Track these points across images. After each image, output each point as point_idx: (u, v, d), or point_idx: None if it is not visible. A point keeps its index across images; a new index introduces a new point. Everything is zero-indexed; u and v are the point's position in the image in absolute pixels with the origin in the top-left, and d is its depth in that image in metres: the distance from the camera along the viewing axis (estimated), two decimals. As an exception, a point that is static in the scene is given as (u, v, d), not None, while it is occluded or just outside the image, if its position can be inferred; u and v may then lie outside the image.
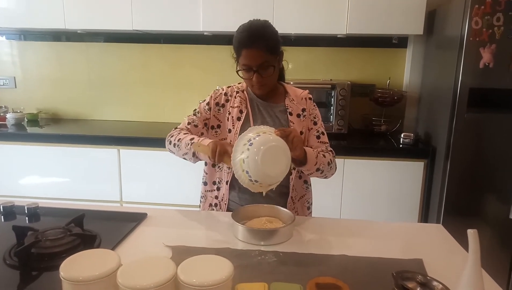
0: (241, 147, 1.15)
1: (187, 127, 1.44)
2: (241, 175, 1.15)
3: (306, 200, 1.50)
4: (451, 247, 1.19)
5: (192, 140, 1.32)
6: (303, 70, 2.89)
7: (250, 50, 1.30)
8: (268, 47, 1.31)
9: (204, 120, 1.45)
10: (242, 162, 1.13)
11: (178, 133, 1.41)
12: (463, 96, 2.08)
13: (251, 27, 1.33)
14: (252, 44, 1.29)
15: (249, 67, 1.32)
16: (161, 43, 2.97)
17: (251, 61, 1.31)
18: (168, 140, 1.43)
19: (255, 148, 1.11)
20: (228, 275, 0.78)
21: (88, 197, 2.58)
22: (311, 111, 1.46)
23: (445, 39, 2.33)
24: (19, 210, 1.34)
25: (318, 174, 1.37)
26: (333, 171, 1.44)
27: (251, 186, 1.17)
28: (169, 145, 1.42)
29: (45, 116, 3.15)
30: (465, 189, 2.18)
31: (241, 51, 1.31)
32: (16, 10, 2.66)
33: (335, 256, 1.08)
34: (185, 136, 1.37)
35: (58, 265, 0.80)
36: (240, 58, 1.33)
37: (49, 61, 3.09)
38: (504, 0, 1.94)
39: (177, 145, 1.37)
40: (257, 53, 1.29)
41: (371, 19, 2.44)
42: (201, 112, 1.46)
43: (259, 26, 1.34)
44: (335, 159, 1.43)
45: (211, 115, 1.45)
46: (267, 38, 1.32)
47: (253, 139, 1.14)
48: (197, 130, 1.45)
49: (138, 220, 1.29)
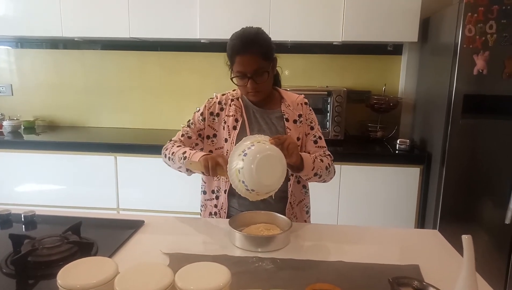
0: (236, 158, 1.16)
1: (180, 139, 1.45)
2: (238, 185, 1.16)
3: (304, 205, 1.51)
4: (448, 252, 1.19)
5: (185, 153, 1.33)
6: (300, 77, 2.91)
7: (244, 56, 1.30)
8: (262, 53, 1.31)
9: (198, 131, 1.45)
10: (237, 172, 1.14)
11: (171, 146, 1.42)
12: (457, 102, 2.10)
13: (244, 34, 1.34)
14: (245, 50, 1.29)
15: (244, 73, 1.32)
16: (158, 50, 2.99)
17: (245, 68, 1.31)
18: (163, 153, 1.44)
19: (250, 158, 1.12)
20: (226, 282, 0.78)
21: (85, 204, 2.57)
22: (308, 116, 1.46)
23: (439, 46, 2.36)
24: (16, 218, 1.33)
25: (316, 179, 1.37)
26: (332, 175, 1.44)
27: (249, 195, 1.18)
28: (164, 159, 1.44)
29: (42, 124, 3.15)
30: (461, 194, 2.19)
31: (235, 58, 1.31)
32: (13, 18, 2.67)
33: (332, 262, 1.09)
34: (178, 150, 1.37)
35: (55, 273, 0.80)
36: (234, 65, 1.33)
37: (46, 69, 3.09)
38: (496, 8, 1.97)
39: (171, 159, 1.38)
40: (251, 59, 1.30)
41: (366, 27, 2.46)
42: (195, 123, 1.46)
43: (252, 32, 1.34)
44: (333, 163, 1.44)
45: (206, 125, 1.45)
46: (261, 44, 1.32)
47: (247, 149, 1.14)
48: (191, 141, 1.45)
49: (135, 227, 1.29)
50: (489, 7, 1.98)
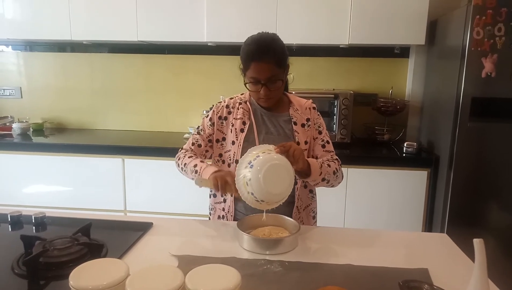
0: (243, 171, 1.17)
1: (191, 148, 1.47)
2: (248, 197, 1.18)
3: (311, 210, 1.51)
4: (456, 256, 1.19)
5: (196, 167, 1.36)
6: (306, 80, 2.91)
7: (259, 63, 1.30)
8: (277, 61, 1.31)
9: (208, 137, 1.47)
10: (246, 185, 1.16)
11: (183, 156, 1.44)
12: (465, 105, 2.09)
13: (260, 40, 1.33)
14: (261, 57, 1.29)
15: (257, 80, 1.32)
16: (165, 53, 3.00)
17: (260, 75, 1.31)
18: (176, 162, 1.47)
19: (257, 168, 1.13)
20: (236, 284, 0.79)
21: (93, 206, 2.59)
22: (316, 120, 1.47)
23: (447, 49, 2.35)
24: (27, 220, 1.35)
25: (324, 184, 1.37)
26: (339, 180, 1.43)
27: (258, 205, 1.20)
28: (178, 168, 1.47)
29: (50, 126, 3.18)
30: (469, 197, 2.18)
31: (250, 64, 1.31)
32: (23, 21, 2.71)
33: (340, 266, 1.09)
34: (190, 161, 1.40)
35: (65, 274, 0.81)
36: (248, 70, 1.33)
37: (54, 72, 3.13)
38: (505, 10, 1.96)
39: (184, 170, 1.42)
40: (266, 66, 1.30)
41: (373, 29, 2.46)
42: (204, 129, 1.47)
43: (268, 39, 1.34)
44: (341, 168, 1.43)
45: (215, 129, 1.46)
46: (276, 51, 1.31)
47: (253, 160, 1.15)
48: (201, 150, 1.47)
49: (144, 229, 1.30)
50: (497, 10, 1.97)
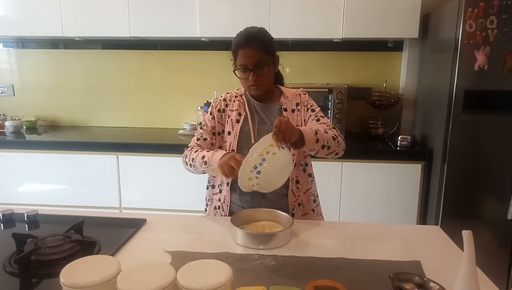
0: (249, 173, 1.16)
1: (197, 144, 1.49)
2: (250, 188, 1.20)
3: (311, 193, 1.52)
4: (449, 248, 1.19)
5: (204, 158, 1.37)
6: (300, 74, 2.91)
7: (245, 49, 1.37)
8: (263, 47, 1.37)
9: (211, 129, 1.50)
10: (252, 186, 1.18)
11: (190, 153, 1.45)
12: (458, 98, 2.10)
13: (247, 31, 1.42)
14: (247, 44, 1.37)
15: (245, 66, 1.38)
16: (159, 49, 2.99)
17: (247, 60, 1.36)
18: (184, 161, 1.48)
19: (265, 176, 1.15)
20: (227, 279, 0.79)
21: (87, 203, 2.58)
22: (306, 103, 1.49)
23: (440, 42, 2.35)
24: (19, 218, 1.34)
25: (325, 151, 1.32)
26: (342, 147, 1.38)
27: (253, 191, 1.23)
28: (186, 166, 1.48)
29: (44, 124, 3.15)
30: (463, 190, 2.19)
31: (238, 52, 1.38)
32: (14, 18, 2.68)
33: (333, 259, 1.09)
34: (197, 155, 1.41)
35: (58, 272, 0.81)
36: (237, 59, 1.40)
37: (47, 69, 3.10)
38: (497, 3, 1.96)
39: (193, 165, 1.42)
40: (252, 51, 1.36)
41: (366, 23, 2.46)
42: (207, 123, 1.51)
43: (255, 29, 1.43)
44: (340, 134, 1.39)
45: (216, 122, 1.50)
46: (262, 39, 1.39)
47: (259, 165, 1.15)
48: (207, 143, 1.49)
49: (137, 226, 1.30)
50: (489, 2, 1.96)
